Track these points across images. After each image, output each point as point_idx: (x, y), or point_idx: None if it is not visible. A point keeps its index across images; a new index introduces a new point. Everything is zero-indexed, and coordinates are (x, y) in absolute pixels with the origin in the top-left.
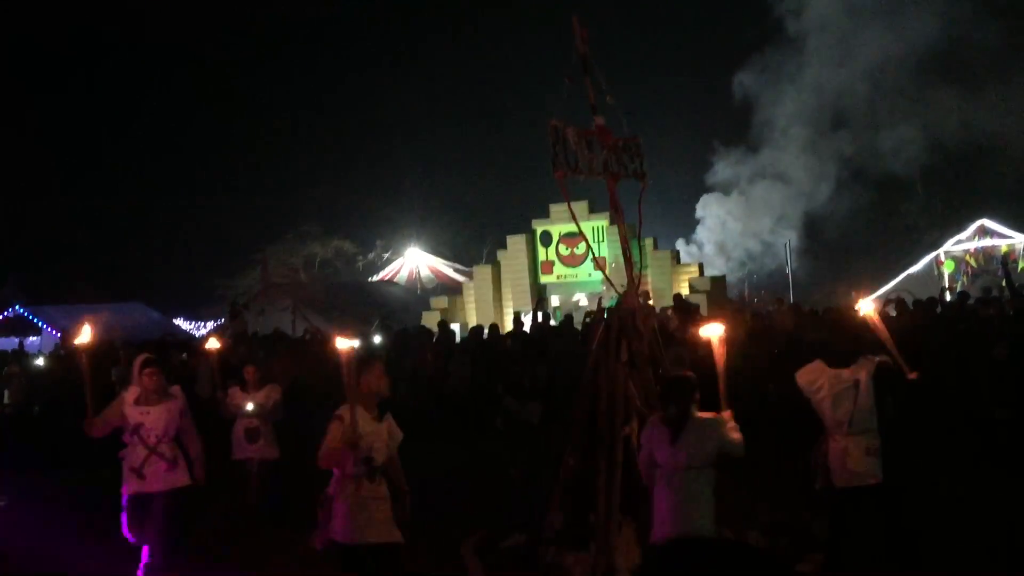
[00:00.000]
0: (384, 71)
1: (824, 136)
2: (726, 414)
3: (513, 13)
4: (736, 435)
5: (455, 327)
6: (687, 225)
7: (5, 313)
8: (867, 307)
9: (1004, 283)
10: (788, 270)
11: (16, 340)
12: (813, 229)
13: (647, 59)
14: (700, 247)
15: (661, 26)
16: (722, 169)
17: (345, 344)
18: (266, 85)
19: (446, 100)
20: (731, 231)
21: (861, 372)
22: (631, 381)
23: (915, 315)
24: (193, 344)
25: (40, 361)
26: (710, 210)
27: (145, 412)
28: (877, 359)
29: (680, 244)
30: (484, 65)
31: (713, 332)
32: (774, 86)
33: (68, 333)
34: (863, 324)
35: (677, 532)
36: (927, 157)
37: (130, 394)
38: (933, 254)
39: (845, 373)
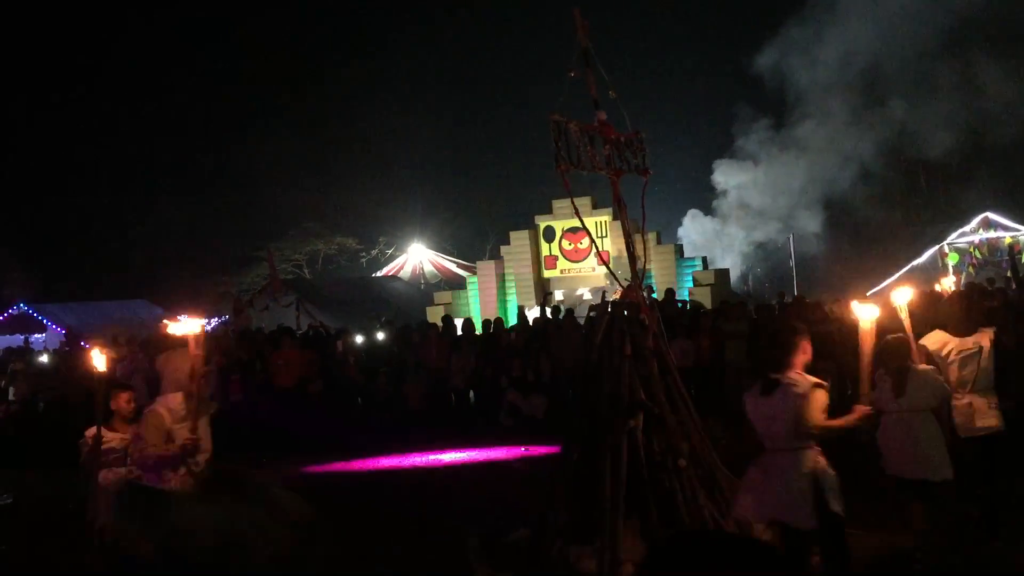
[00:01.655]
0: (387, 66)
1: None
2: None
3: (515, 6)
4: None
5: (458, 322)
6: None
7: (10, 311)
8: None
9: (1010, 274)
10: (792, 263)
11: (21, 337)
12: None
13: (656, 41)
14: (718, 215)
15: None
16: (744, 143)
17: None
18: (268, 82)
19: (448, 95)
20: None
21: (984, 339)
22: (635, 375)
23: (921, 307)
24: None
25: (44, 358)
26: (731, 177)
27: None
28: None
29: (693, 216)
30: (486, 60)
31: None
32: (798, 59)
33: (73, 330)
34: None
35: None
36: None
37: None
38: (937, 247)
39: (970, 340)
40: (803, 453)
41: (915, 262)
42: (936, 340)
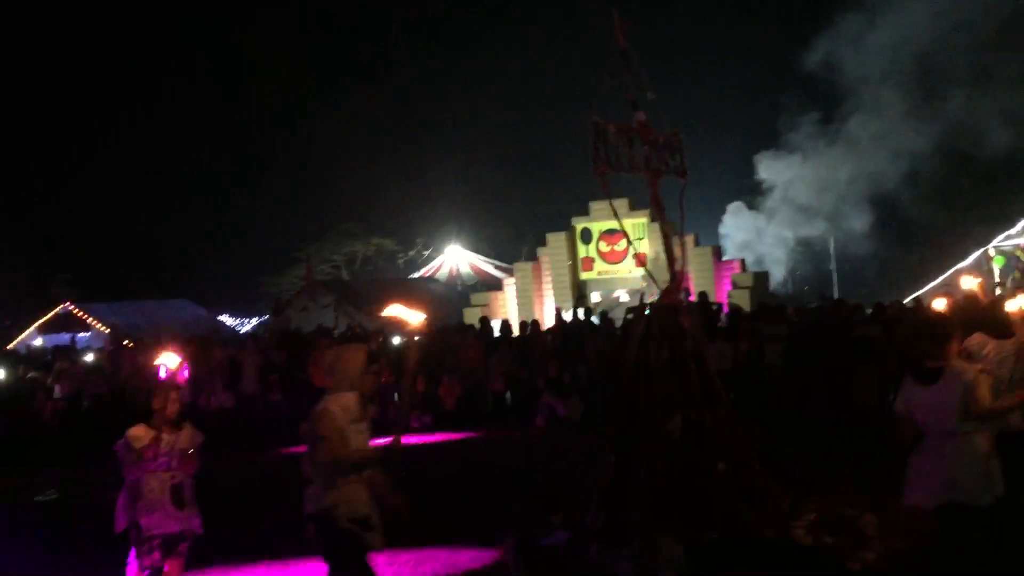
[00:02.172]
0: (425, 69)
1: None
2: None
3: (553, 8)
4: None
5: (495, 324)
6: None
7: (56, 311)
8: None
9: None
10: (832, 266)
11: (67, 336)
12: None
13: (700, 30)
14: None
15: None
16: (791, 136)
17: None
18: (309, 83)
19: (486, 97)
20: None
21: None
22: (673, 378)
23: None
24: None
25: (90, 357)
26: (775, 172)
27: None
28: None
29: (736, 210)
30: (524, 62)
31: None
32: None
33: (117, 329)
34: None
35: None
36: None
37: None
38: (982, 249)
39: (1008, 343)
40: (976, 436)
41: (960, 265)
42: (977, 339)
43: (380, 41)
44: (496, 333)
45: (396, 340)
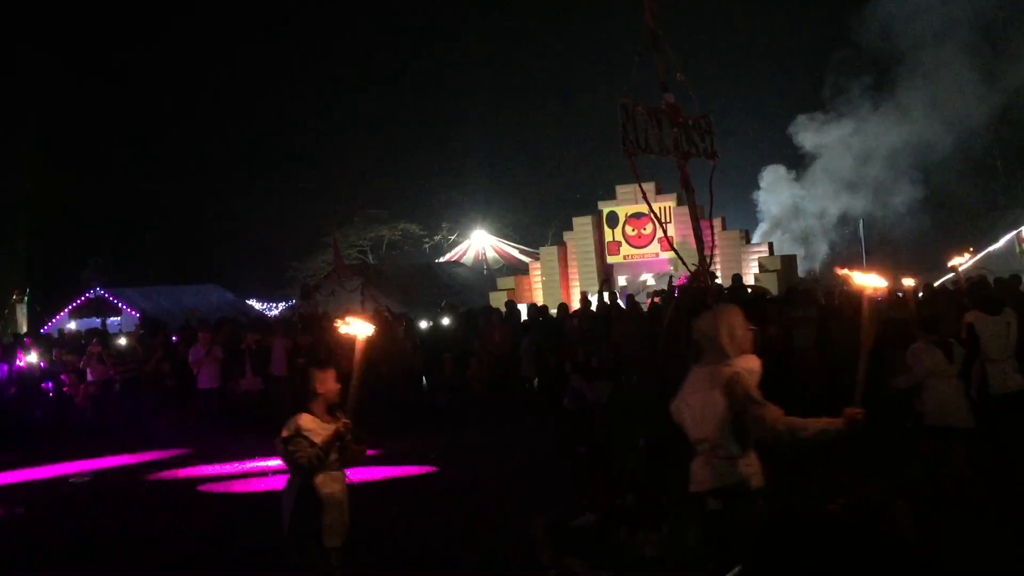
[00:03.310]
0: (451, 52)
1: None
2: None
3: None
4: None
5: (522, 308)
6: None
7: (87, 295)
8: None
9: None
10: (862, 249)
11: (98, 320)
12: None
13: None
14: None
15: None
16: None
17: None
18: (335, 68)
19: (512, 81)
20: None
21: (1011, 316)
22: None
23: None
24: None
25: (122, 340)
26: (815, 138)
27: None
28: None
29: (774, 174)
30: (551, 43)
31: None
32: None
33: (147, 314)
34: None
35: None
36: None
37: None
38: (1013, 232)
39: (1000, 318)
40: None
41: (990, 248)
42: (973, 316)
43: (405, 26)
44: (524, 317)
45: (423, 323)
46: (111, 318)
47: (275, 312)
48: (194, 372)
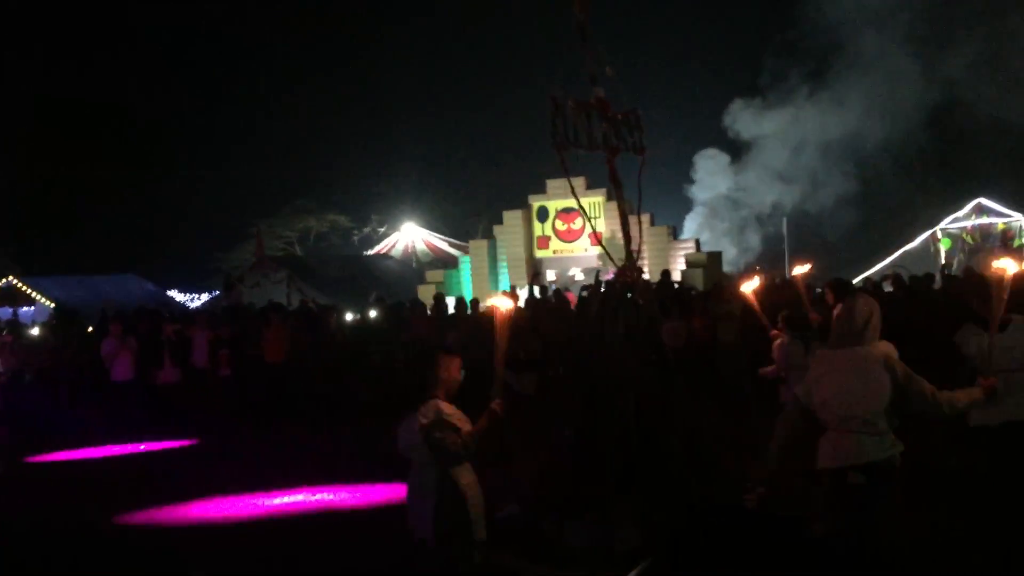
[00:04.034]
0: (381, 43)
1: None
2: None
3: None
4: None
5: (451, 300)
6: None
7: None
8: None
9: None
10: (785, 246)
11: (10, 310)
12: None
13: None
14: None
15: None
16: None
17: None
18: (263, 58)
19: (443, 73)
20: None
21: None
22: (628, 354)
23: (912, 290)
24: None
25: (35, 331)
26: (747, 125)
27: None
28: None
29: (708, 155)
30: (481, 37)
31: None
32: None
33: (61, 304)
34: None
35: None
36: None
37: None
38: (929, 232)
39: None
40: None
41: (907, 247)
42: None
43: (336, 19)
44: (451, 311)
45: (349, 316)
46: (23, 307)
47: (197, 303)
48: (107, 365)
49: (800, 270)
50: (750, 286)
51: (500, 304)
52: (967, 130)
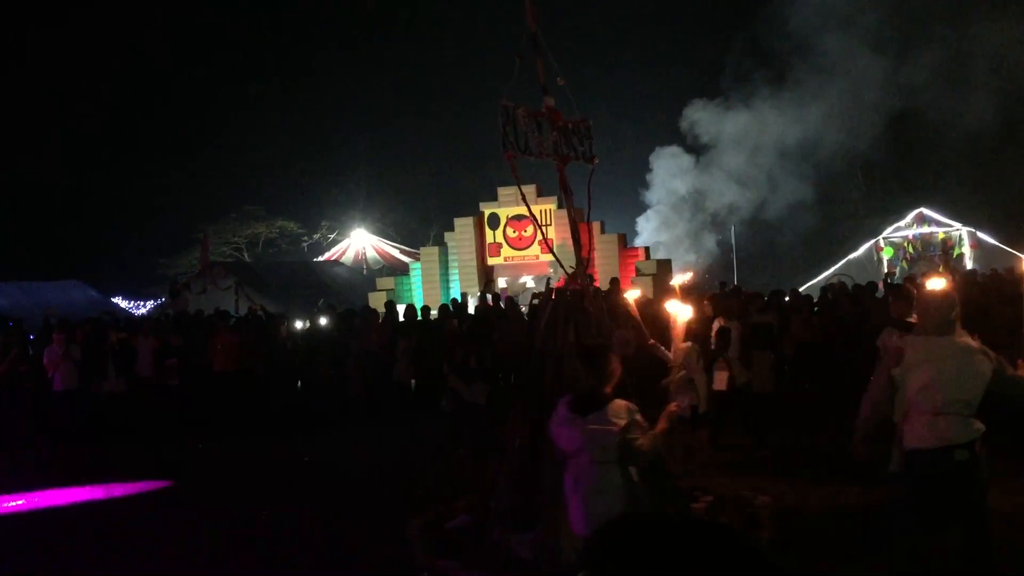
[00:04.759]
0: (331, 51)
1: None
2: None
3: None
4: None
5: (401, 308)
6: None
7: None
8: (631, 295)
9: (942, 269)
10: (733, 254)
11: None
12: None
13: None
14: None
15: None
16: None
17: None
18: (211, 63)
19: (394, 80)
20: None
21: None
22: (578, 362)
23: (856, 298)
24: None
25: None
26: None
27: None
28: None
29: (668, 153)
30: (432, 45)
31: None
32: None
33: (2, 311)
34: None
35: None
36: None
37: None
38: (872, 241)
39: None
40: None
41: (850, 256)
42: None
43: (287, 22)
44: (401, 319)
45: (299, 324)
46: None
47: (143, 311)
48: (49, 373)
49: (632, 294)
50: (632, 295)
51: (630, 296)
52: (917, 138)
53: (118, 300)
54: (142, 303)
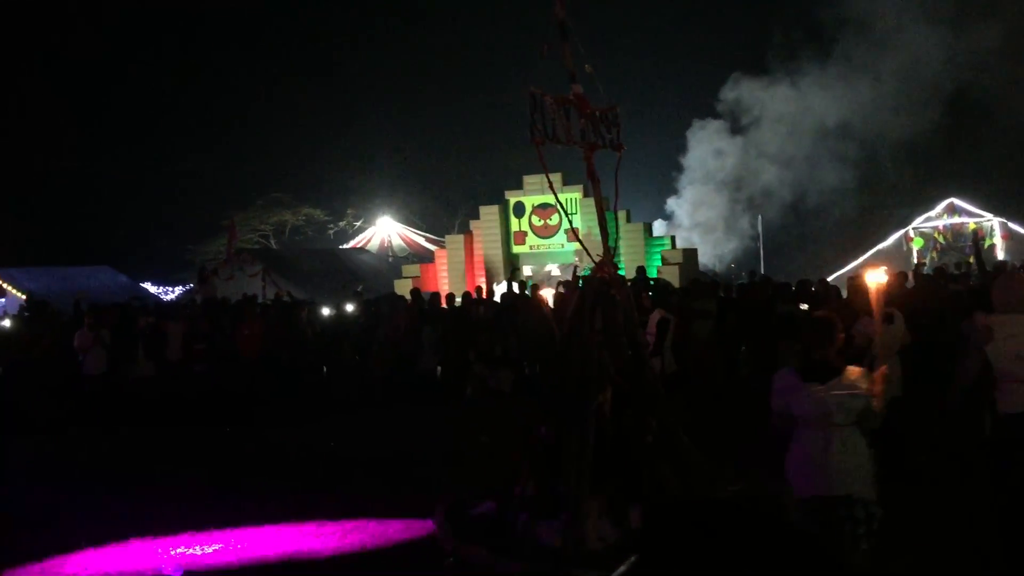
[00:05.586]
0: (358, 38)
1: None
2: None
3: None
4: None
5: (427, 295)
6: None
7: None
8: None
9: (972, 260)
10: (760, 243)
11: None
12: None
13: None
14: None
15: None
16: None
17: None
18: (239, 50)
19: (420, 68)
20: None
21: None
22: (604, 351)
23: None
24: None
25: (6, 323)
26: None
27: None
28: None
29: (709, 127)
30: (460, 32)
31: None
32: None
33: (33, 295)
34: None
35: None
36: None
37: None
38: (902, 231)
39: None
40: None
41: (880, 246)
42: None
43: (314, 11)
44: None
45: (325, 310)
46: None
47: (172, 296)
48: (79, 357)
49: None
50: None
51: (872, 280)
52: (960, 123)
53: (147, 286)
54: (171, 289)
